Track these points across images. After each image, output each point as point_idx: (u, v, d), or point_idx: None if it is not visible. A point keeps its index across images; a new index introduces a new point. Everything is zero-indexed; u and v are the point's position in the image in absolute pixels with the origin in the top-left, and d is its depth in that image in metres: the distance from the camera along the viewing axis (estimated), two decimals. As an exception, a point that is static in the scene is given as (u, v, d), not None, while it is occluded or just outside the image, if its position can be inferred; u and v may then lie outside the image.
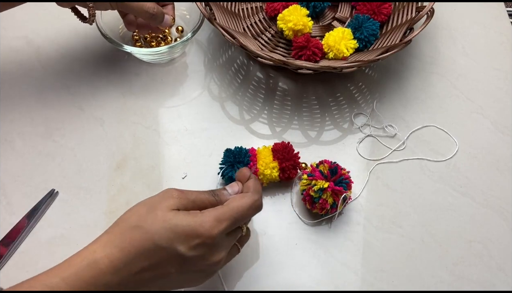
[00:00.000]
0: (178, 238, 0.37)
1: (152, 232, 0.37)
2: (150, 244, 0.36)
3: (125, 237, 0.37)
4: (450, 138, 0.60)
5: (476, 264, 0.51)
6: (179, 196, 0.39)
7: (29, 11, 0.69)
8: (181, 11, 0.68)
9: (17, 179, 0.54)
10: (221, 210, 0.39)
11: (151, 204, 0.39)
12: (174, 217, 0.37)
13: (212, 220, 0.38)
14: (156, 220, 0.37)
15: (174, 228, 0.37)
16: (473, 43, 0.70)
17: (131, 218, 0.38)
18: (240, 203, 0.40)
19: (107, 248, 0.36)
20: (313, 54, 0.61)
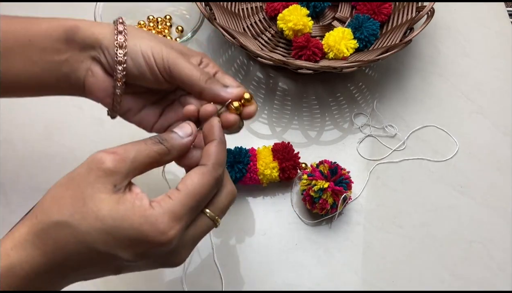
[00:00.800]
0: (120, 244, 0.28)
1: (82, 232, 0.28)
2: (82, 247, 0.28)
3: (47, 237, 0.28)
4: (450, 139, 0.60)
5: (476, 264, 0.50)
6: (114, 163, 0.29)
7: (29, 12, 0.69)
8: (181, 11, 0.68)
9: (16, 179, 0.54)
10: (177, 201, 0.30)
11: (77, 186, 0.29)
12: (111, 214, 0.28)
13: (167, 219, 0.29)
14: (86, 215, 0.28)
15: (113, 231, 0.28)
16: (474, 43, 0.70)
17: (51, 209, 0.29)
18: (200, 183, 0.31)
19: (25, 250, 0.28)
20: (313, 54, 0.61)
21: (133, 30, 0.37)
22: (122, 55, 0.35)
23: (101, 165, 0.29)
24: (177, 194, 0.30)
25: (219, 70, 0.39)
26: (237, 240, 0.51)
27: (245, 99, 0.36)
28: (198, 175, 0.31)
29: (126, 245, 0.28)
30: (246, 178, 0.52)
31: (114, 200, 0.29)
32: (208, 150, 0.33)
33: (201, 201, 0.31)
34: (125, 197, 0.29)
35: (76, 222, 0.28)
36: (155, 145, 0.32)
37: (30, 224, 0.29)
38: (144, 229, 0.28)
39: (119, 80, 0.36)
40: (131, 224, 0.28)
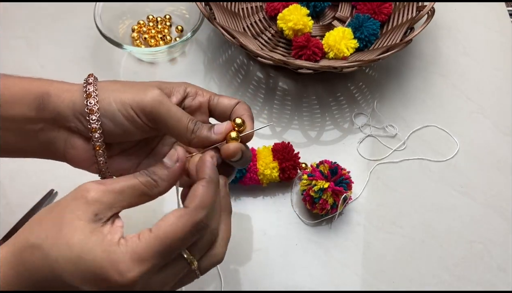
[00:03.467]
0: (81, 276, 0.27)
1: (52, 259, 0.27)
2: (50, 275, 0.27)
3: (22, 258, 0.28)
4: (450, 138, 0.60)
5: (476, 264, 0.50)
6: (98, 193, 0.28)
7: (29, 11, 0.69)
8: (180, 10, 0.68)
9: (16, 179, 0.54)
10: (144, 243, 0.28)
11: (59, 211, 0.29)
12: (81, 243, 0.27)
13: (128, 260, 0.27)
14: (59, 240, 0.27)
15: (78, 261, 0.27)
16: (474, 43, 0.69)
17: (31, 230, 0.28)
18: (174, 227, 0.28)
19: (3, 268, 0.28)
20: (313, 53, 0.61)
21: (104, 86, 0.33)
22: (96, 121, 0.32)
23: (85, 193, 0.29)
24: (146, 236, 0.28)
25: (211, 94, 0.37)
26: (237, 240, 0.51)
27: (237, 125, 0.34)
28: (174, 218, 0.29)
29: (89, 280, 0.27)
30: (246, 178, 0.52)
31: (88, 229, 0.28)
32: (193, 189, 0.30)
33: (174, 246, 0.28)
34: (101, 229, 0.28)
35: (48, 247, 0.27)
36: (142, 177, 0.30)
37: (12, 242, 0.29)
38: (104, 265, 0.27)
39: (98, 148, 0.33)
40: (94, 257, 0.27)
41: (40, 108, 0.33)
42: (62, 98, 0.33)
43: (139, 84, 0.34)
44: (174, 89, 0.36)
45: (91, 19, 0.60)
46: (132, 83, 0.34)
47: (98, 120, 0.32)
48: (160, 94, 0.33)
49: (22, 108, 0.33)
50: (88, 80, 0.33)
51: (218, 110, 0.37)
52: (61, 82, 0.34)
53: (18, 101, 0.33)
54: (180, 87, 0.36)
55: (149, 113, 0.33)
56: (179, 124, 0.33)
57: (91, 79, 0.33)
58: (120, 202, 0.29)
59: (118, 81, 0.35)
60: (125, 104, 0.32)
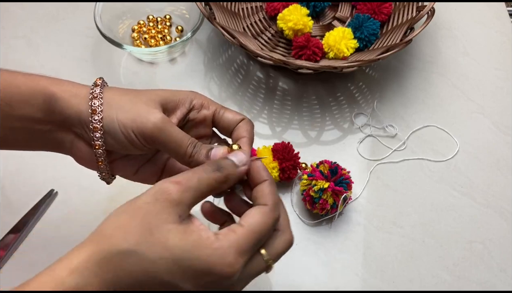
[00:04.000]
0: (184, 275, 0.28)
1: (149, 261, 0.28)
2: (145, 277, 0.28)
3: (110, 265, 0.28)
4: (450, 138, 0.59)
5: (476, 264, 0.50)
6: (179, 194, 0.29)
7: (29, 11, 0.69)
8: (180, 10, 0.68)
9: (16, 179, 0.54)
10: (242, 236, 0.29)
11: (143, 215, 0.29)
12: (180, 243, 0.28)
13: (233, 253, 0.29)
14: (154, 245, 0.28)
15: (181, 262, 0.28)
16: (474, 43, 0.69)
17: (116, 237, 0.29)
18: (262, 222, 0.31)
19: (83, 277, 0.27)
20: (313, 53, 0.61)
21: (110, 101, 0.34)
22: (99, 138, 0.34)
23: (167, 195, 0.29)
24: (241, 229, 0.30)
25: (217, 107, 0.38)
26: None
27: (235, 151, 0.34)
28: (259, 214, 0.31)
29: (191, 276, 0.28)
30: (246, 178, 0.52)
31: (181, 230, 0.29)
32: (263, 190, 0.32)
33: (261, 239, 0.31)
34: (191, 228, 0.29)
35: (143, 251, 0.28)
36: (214, 174, 0.31)
37: (90, 251, 0.28)
38: (211, 261, 0.28)
39: (100, 163, 0.36)
40: (199, 255, 0.28)
41: (48, 111, 0.34)
42: (69, 104, 0.34)
43: (143, 100, 0.34)
44: (180, 102, 0.37)
45: (91, 19, 0.60)
46: (137, 97, 0.35)
47: (102, 137, 0.34)
48: (161, 120, 0.34)
49: (30, 109, 0.34)
50: (94, 93, 0.34)
51: (221, 125, 0.38)
52: (68, 83, 0.35)
53: (26, 101, 0.34)
54: (186, 100, 0.37)
55: (149, 138, 0.34)
56: (179, 149, 0.34)
57: (98, 91, 0.34)
58: (196, 199, 0.30)
59: (123, 94, 0.35)
60: (127, 126, 0.33)
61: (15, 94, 0.33)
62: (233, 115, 0.38)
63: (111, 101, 0.34)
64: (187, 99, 0.37)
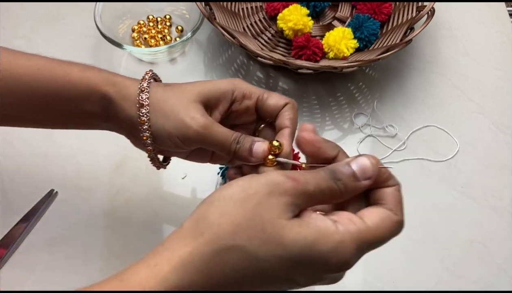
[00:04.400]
0: (300, 270, 0.26)
1: (261, 259, 0.25)
2: (256, 273, 0.26)
3: (217, 261, 0.26)
4: (450, 139, 0.59)
5: (476, 264, 0.50)
6: (295, 192, 0.27)
7: (29, 11, 0.69)
8: (180, 10, 0.68)
9: (16, 178, 0.54)
10: (364, 233, 0.27)
11: (254, 208, 0.26)
12: (297, 240, 0.25)
13: (354, 250, 0.26)
14: (266, 242, 0.25)
15: (298, 258, 0.26)
16: (474, 43, 0.69)
17: (225, 228, 0.26)
18: (388, 228, 0.28)
19: (187, 274, 0.25)
20: (313, 54, 0.61)
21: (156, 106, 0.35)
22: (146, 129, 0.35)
23: (282, 191, 0.26)
24: (364, 225, 0.27)
25: (259, 95, 0.37)
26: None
27: (274, 147, 0.34)
28: (388, 220, 0.28)
29: (307, 271, 0.27)
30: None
31: (296, 224, 0.26)
32: (395, 197, 0.29)
33: (380, 243, 0.28)
34: (306, 220, 0.27)
35: (254, 248, 0.25)
36: (331, 183, 0.28)
37: (194, 242, 0.26)
38: (330, 257, 0.26)
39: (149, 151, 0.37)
40: (319, 251, 0.26)
41: (104, 109, 0.36)
42: (122, 107, 0.36)
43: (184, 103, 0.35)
44: (221, 96, 0.36)
45: (91, 19, 0.60)
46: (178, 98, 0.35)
47: (149, 130, 0.35)
48: (203, 126, 0.34)
49: (89, 105, 0.36)
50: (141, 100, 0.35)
51: (264, 112, 0.37)
52: (120, 82, 0.36)
53: (85, 98, 0.36)
54: (227, 94, 0.36)
55: (194, 142, 0.35)
56: (223, 148, 0.35)
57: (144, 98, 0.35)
58: (307, 203, 0.28)
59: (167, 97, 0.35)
60: (172, 135, 0.35)
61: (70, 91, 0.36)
62: (276, 100, 0.36)
63: (157, 107, 0.35)
64: (228, 92, 0.37)
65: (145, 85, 0.36)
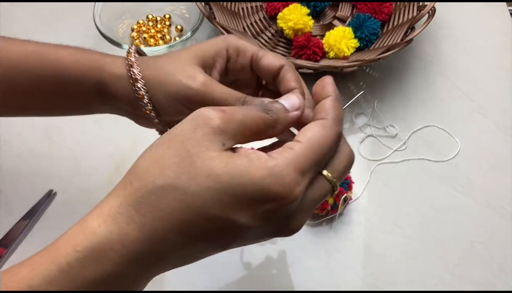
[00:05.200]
0: (238, 204, 0.24)
1: (193, 195, 0.23)
2: (189, 215, 0.24)
3: (147, 206, 0.24)
4: (451, 139, 0.59)
5: (477, 264, 0.50)
6: (222, 121, 0.25)
7: (29, 11, 0.69)
8: (180, 10, 0.68)
9: (15, 179, 0.54)
10: (301, 152, 0.25)
11: (180, 144, 0.25)
12: (226, 169, 0.24)
13: (292, 172, 0.24)
14: (195, 175, 0.24)
15: (230, 189, 0.23)
16: (475, 43, 0.69)
17: (151, 173, 0.24)
18: (322, 136, 0.26)
19: (117, 224, 0.24)
20: (314, 53, 0.61)
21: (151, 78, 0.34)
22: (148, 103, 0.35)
23: (209, 121, 0.25)
24: (299, 145, 0.25)
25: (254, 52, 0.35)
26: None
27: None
28: (319, 127, 0.27)
29: (245, 205, 0.24)
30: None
31: (226, 156, 0.24)
32: (324, 104, 0.28)
33: (323, 156, 0.26)
34: (238, 153, 0.25)
35: (183, 184, 0.23)
36: (262, 113, 0.27)
37: (123, 193, 0.25)
38: (266, 183, 0.24)
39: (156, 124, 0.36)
40: (251, 178, 0.23)
41: (100, 93, 0.36)
42: (116, 88, 0.35)
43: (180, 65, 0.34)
44: (216, 57, 0.35)
45: (90, 19, 0.60)
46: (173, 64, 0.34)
47: (150, 102, 0.34)
48: (203, 82, 0.33)
49: (84, 89, 0.36)
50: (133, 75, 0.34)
51: (260, 73, 0.35)
52: (110, 63, 0.36)
53: (79, 84, 0.36)
54: (221, 51, 0.35)
55: (196, 103, 0.33)
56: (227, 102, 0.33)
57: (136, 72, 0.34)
58: (240, 135, 0.26)
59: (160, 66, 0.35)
60: (174, 100, 0.34)
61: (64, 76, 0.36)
62: (271, 61, 0.34)
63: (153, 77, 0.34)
64: (222, 50, 0.35)
65: (133, 60, 0.35)
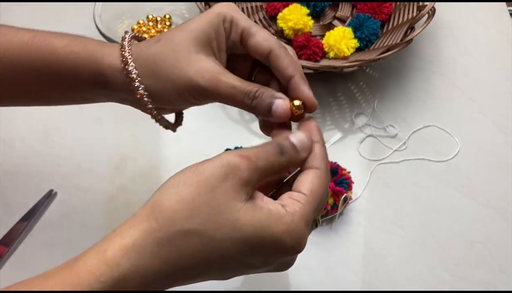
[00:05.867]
0: (254, 252, 0.27)
1: (218, 242, 0.26)
2: (211, 255, 0.26)
3: (172, 245, 0.25)
4: (451, 139, 0.59)
5: (477, 265, 0.50)
6: (249, 172, 0.27)
7: (29, 11, 0.69)
8: (180, 10, 0.68)
9: (15, 179, 0.54)
10: (307, 206, 0.28)
11: (210, 191, 0.26)
12: (251, 222, 0.26)
13: (304, 226, 0.28)
14: (222, 225, 0.26)
15: (252, 240, 0.26)
16: (475, 43, 0.69)
17: (181, 214, 0.26)
18: (320, 187, 0.29)
19: (140, 258, 0.25)
20: (314, 53, 0.61)
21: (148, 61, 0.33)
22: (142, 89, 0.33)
23: (237, 172, 0.27)
24: (305, 198, 0.28)
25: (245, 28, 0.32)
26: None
27: (296, 107, 0.32)
28: (317, 179, 0.29)
29: (261, 253, 0.27)
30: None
31: (250, 208, 0.27)
32: (316, 153, 0.31)
33: (322, 205, 0.30)
34: (259, 204, 0.27)
35: (210, 232, 0.26)
36: (279, 158, 0.29)
37: (149, 229, 0.25)
38: (284, 238, 0.27)
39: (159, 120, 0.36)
40: (272, 233, 0.26)
41: (98, 84, 0.35)
42: (116, 78, 0.34)
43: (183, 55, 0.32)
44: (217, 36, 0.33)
45: (91, 19, 0.60)
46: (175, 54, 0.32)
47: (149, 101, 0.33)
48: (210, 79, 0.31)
49: (81, 80, 0.35)
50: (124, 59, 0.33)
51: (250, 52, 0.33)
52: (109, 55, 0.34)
53: (76, 75, 0.35)
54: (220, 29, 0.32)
55: (204, 93, 0.32)
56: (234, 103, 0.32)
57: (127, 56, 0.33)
58: (261, 179, 0.28)
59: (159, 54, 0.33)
60: (180, 89, 0.32)
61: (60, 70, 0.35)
62: (259, 41, 0.32)
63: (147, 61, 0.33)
64: (220, 27, 0.32)
65: (126, 44, 0.33)
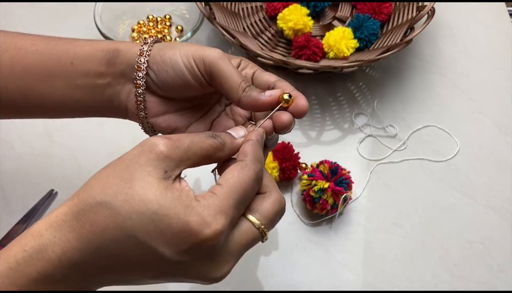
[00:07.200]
0: (161, 235, 0.26)
1: (124, 216, 0.26)
2: (117, 234, 0.26)
3: (85, 218, 0.26)
4: (451, 139, 0.59)
5: (477, 264, 0.50)
6: (167, 148, 0.28)
7: (29, 11, 0.69)
8: (180, 10, 0.68)
9: (16, 179, 0.54)
10: (221, 194, 0.28)
11: (126, 166, 0.27)
12: (158, 199, 0.26)
13: (213, 211, 0.27)
14: (131, 197, 0.26)
15: (156, 217, 0.26)
16: (474, 43, 0.69)
17: (95, 188, 0.27)
18: (241, 176, 0.29)
19: (60, 231, 0.26)
20: (314, 53, 0.61)
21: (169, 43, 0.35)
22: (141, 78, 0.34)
23: (154, 147, 0.27)
24: (219, 189, 0.28)
25: (258, 69, 0.37)
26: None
27: (285, 101, 0.34)
28: (238, 169, 0.29)
29: (168, 238, 0.26)
30: (246, 178, 0.52)
31: (162, 185, 0.27)
32: (244, 148, 0.31)
33: (245, 195, 0.29)
34: (174, 186, 0.27)
35: (118, 203, 0.26)
36: (209, 139, 0.30)
37: (71, 204, 0.27)
38: (188, 220, 0.26)
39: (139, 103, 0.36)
40: (177, 213, 0.26)
41: (110, 63, 0.35)
42: (131, 52, 0.35)
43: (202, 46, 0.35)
44: (232, 57, 0.37)
45: (91, 19, 0.60)
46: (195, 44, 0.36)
47: (144, 77, 0.34)
48: (220, 53, 0.34)
49: (93, 64, 0.36)
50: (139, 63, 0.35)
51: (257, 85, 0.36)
52: (129, 42, 0.37)
53: (90, 58, 0.36)
54: (237, 58, 0.37)
55: (208, 65, 0.34)
56: (233, 80, 0.33)
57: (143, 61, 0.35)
58: (187, 160, 0.29)
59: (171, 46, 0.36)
60: (188, 55, 0.34)
61: (77, 53, 0.36)
62: (268, 76, 0.37)
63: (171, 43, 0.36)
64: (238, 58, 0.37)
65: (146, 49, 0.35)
